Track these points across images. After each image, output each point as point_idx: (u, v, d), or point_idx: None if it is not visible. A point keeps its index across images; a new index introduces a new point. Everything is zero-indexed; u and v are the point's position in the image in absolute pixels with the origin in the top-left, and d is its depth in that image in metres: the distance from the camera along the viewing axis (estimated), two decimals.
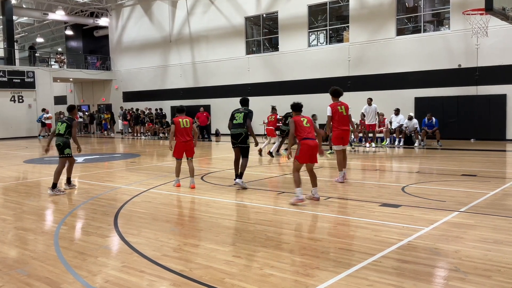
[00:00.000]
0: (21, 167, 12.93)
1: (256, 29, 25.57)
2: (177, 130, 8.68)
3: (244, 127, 8.48)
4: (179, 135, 8.69)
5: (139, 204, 7.25)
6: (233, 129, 8.56)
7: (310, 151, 6.98)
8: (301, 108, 7.47)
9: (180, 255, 4.65)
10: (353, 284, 3.77)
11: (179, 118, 8.80)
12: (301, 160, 7.02)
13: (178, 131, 8.68)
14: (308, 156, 7.00)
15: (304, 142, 6.96)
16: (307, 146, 6.95)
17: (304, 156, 6.98)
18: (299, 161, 7.03)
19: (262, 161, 13.28)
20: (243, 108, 8.76)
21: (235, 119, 8.59)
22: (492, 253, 4.46)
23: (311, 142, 6.97)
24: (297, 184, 6.95)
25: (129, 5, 31.10)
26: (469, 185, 8.32)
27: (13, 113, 26.96)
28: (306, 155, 6.98)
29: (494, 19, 13.79)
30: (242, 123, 8.48)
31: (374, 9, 20.46)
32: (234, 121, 8.59)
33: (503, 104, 17.43)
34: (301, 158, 7.01)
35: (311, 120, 7.30)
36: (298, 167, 7.06)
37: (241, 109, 8.71)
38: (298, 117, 7.20)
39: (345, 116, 8.91)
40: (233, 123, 8.59)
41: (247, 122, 8.49)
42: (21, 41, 43.10)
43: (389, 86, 19.94)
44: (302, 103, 7.53)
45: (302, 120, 7.12)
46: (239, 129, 8.49)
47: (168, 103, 28.54)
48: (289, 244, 4.93)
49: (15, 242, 5.35)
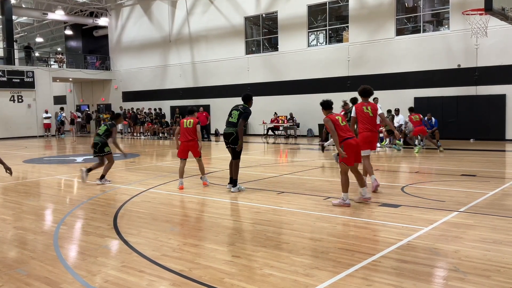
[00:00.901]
0: (20, 167, 12.92)
1: (255, 29, 25.57)
2: (180, 130, 8.74)
3: (236, 126, 7.95)
4: (182, 135, 8.73)
5: (139, 204, 7.24)
6: (226, 127, 8.09)
7: (355, 148, 6.67)
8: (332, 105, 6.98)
9: (180, 255, 4.64)
10: (353, 284, 3.77)
11: (185, 119, 8.89)
12: (349, 162, 6.67)
13: (181, 131, 8.74)
14: (355, 154, 6.69)
15: (346, 142, 6.63)
16: (351, 146, 6.64)
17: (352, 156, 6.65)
18: (346, 164, 6.68)
19: (262, 161, 13.27)
20: (241, 106, 8.15)
21: (231, 116, 8.07)
22: (492, 253, 4.47)
23: (354, 141, 6.68)
24: (346, 188, 6.67)
25: (129, 5, 31.09)
26: (469, 185, 8.33)
27: (13, 113, 26.95)
28: (352, 156, 6.66)
29: (493, 19, 13.80)
30: (235, 122, 7.95)
31: (373, 9, 20.47)
32: (229, 119, 8.08)
33: (502, 104, 17.44)
34: (349, 160, 6.65)
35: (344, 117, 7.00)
36: (346, 169, 6.73)
37: (239, 106, 8.13)
38: (333, 116, 6.81)
39: (372, 118, 7.74)
40: (227, 121, 8.10)
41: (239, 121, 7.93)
42: (21, 40, 43.06)
43: (388, 86, 19.94)
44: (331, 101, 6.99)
45: (338, 119, 6.76)
46: (231, 128, 7.98)
47: (167, 103, 28.54)
48: (289, 244, 4.93)
49: (15, 242, 5.35)
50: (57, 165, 13.55)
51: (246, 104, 8.21)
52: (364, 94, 7.84)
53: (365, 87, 7.86)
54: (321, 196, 7.49)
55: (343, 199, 6.72)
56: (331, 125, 6.65)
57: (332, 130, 6.65)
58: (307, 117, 22.64)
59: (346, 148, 6.61)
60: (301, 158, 14.63)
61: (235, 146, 8.03)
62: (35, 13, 31.73)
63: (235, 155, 8.13)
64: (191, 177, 10.03)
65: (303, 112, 22.70)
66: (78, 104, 36.07)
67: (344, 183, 6.69)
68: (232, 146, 8.07)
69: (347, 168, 6.73)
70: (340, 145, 6.63)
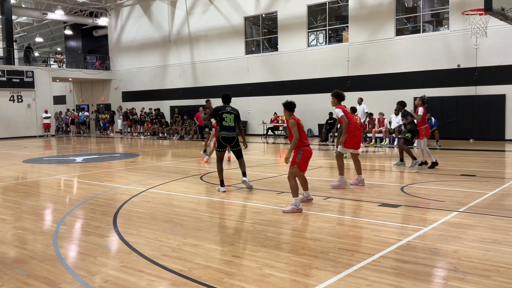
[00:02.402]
0: (20, 167, 12.92)
1: (255, 29, 25.58)
2: None
3: (236, 129, 8.31)
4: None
5: (138, 204, 7.24)
6: (226, 132, 8.22)
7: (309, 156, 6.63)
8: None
9: (179, 255, 4.64)
10: (352, 284, 3.77)
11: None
12: (302, 169, 6.62)
13: None
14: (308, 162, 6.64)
15: (305, 149, 6.57)
16: (309, 153, 6.60)
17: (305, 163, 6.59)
18: (300, 169, 6.58)
19: (261, 161, 13.27)
20: (230, 108, 8.42)
21: (225, 120, 8.22)
22: (491, 253, 4.47)
23: (310, 149, 6.66)
24: (295, 193, 6.45)
25: (128, 4, 31.09)
26: (468, 185, 8.33)
27: (12, 112, 26.95)
28: (307, 163, 6.62)
29: (493, 19, 13.81)
30: (233, 126, 8.27)
31: (373, 9, 20.47)
32: (224, 123, 8.22)
33: (502, 104, 17.44)
34: (303, 166, 6.59)
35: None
36: (296, 174, 6.60)
37: (228, 108, 8.36)
38: (298, 119, 6.71)
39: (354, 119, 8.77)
40: (225, 126, 8.23)
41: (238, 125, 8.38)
42: (20, 40, 43.07)
43: (388, 86, 19.96)
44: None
45: (301, 123, 6.67)
46: (232, 132, 8.25)
47: (167, 103, 28.55)
48: (288, 244, 4.93)
49: (14, 241, 5.35)
50: (56, 165, 13.55)
51: (229, 104, 8.54)
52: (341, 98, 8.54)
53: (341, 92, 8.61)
54: (321, 196, 7.49)
55: (295, 205, 6.38)
56: (296, 128, 6.52)
57: (296, 132, 6.51)
58: (306, 117, 22.53)
59: (305, 154, 6.54)
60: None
61: (238, 148, 8.42)
62: (34, 13, 31.74)
63: (239, 155, 8.50)
64: (191, 177, 10.03)
65: (303, 112, 22.54)
66: (78, 104, 36.07)
67: (294, 188, 6.46)
68: (236, 148, 8.42)
69: (297, 173, 6.61)
70: (299, 149, 6.54)
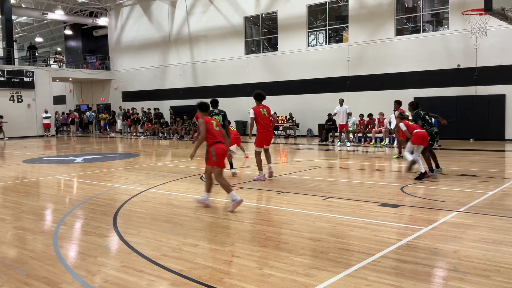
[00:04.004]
0: (20, 167, 12.92)
1: (255, 29, 25.58)
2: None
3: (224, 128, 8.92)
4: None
5: (138, 204, 7.24)
6: None
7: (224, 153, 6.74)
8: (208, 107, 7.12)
9: (179, 255, 4.64)
10: (352, 284, 3.77)
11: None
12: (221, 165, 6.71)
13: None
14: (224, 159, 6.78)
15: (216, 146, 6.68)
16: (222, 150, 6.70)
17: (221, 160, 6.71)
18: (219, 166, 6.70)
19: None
20: (217, 110, 9.47)
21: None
22: (491, 253, 4.47)
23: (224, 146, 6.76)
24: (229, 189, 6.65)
25: (128, 4, 31.09)
26: (468, 185, 8.33)
27: (12, 112, 26.94)
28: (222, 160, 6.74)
29: (493, 19, 13.81)
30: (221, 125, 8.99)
31: (373, 9, 20.48)
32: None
33: (502, 104, 17.45)
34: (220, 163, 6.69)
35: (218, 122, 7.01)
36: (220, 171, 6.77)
37: (216, 111, 9.36)
38: (209, 119, 6.84)
39: (267, 118, 9.29)
40: None
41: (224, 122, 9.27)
42: (20, 40, 43.06)
43: (388, 86, 19.96)
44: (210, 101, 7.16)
45: (212, 123, 6.78)
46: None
47: (167, 103, 28.55)
48: (288, 244, 4.93)
49: (14, 241, 5.35)
50: (56, 165, 13.55)
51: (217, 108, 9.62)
52: (258, 98, 9.24)
53: (259, 92, 9.27)
54: (321, 196, 7.49)
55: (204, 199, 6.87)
56: (203, 127, 6.68)
57: (202, 132, 6.69)
58: (306, 117, 22.65)
59: (218, 151, 6.63)
60: (301, 158, 14.63)
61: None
62: (34, 13, 31.74)
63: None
64: (191, 177, 10.04)
65: (303, 112, 22.70)
66: (78, 104, 36.06)
67: (225, 185, 6.66)
68: None
69: (210, 171, 6.77)
70: (211, 147, 6.67)
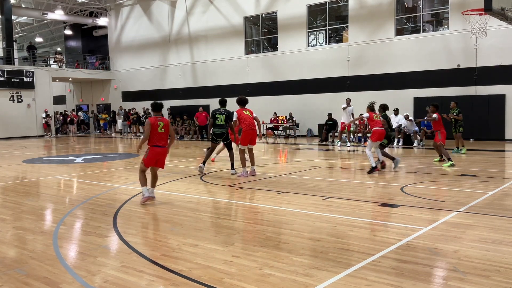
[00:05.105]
0: (20, 167, 12.91)
1: (255, 29, 25.58)
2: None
3: (226, 127, 10.11)
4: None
5: (138, 204, 7.23)
6: (217, 129, 10.16)
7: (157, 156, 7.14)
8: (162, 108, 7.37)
9: (179, 255, 4.64)
10: (352, 284, 3.77)
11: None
12: (147, 164, 7.23)
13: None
14: (155, 160, 7.19)
15: (153, 149, 7.08)
16: (155, 152, 7.11)
17: (151, 161, 7.18)
18: (145, 164, 7.22)
19: (261, 161, 13.26)
20: (223, 109, 10.23)
21: (217, 119, 10.11)
22: (491, 253, 4.47)
23: (160, 150, 7.12)
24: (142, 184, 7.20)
25: (128, 4, 31.09)
26: (468, 185, 8.33)
27: (12, 112, 26.94)
28: (153, 160, 7.18)
29: (493, 19, 13.80)
30: (224, 124, 10.09)
31: (373, 9, 20.48)
32: (216, 122, 10.13)
33: (502, 104, 17.45)
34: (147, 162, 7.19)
35: (167, 125, 7.24)
36: (143, 168, 7.25)
37: (221, 110, 10.21)
38: (155, 119, 7.12)
39: (250, 118, 9.98)
40: (216, 124, 10.13)
41: (228, 123, 10.10)
42: (20, 40, 43.04)
43: (388, 86, 19.96)
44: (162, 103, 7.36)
45: (159, 124, 7.06)
46: (221, 129, 10.13)
47: (167, 103, 28.50)
48: (288, 244, 4.93)
49: (14, 241, 5.35)
50: (56, 165, 13.55)
51: (224, 107, 10.36)
52: (241, 102, 10.08)
53: (241, 98, 10.14)
54: (321, 196, 7.49)
55: (143, 194, 7.18)
56: (148, 128, 7.00)
57: (147, 132, 7.02)
58: (306, 117, 22.64)
59: (151, 153, 7.07)
60: (301, 158, 14.63)
61: (228, 141, 10.30)
62: (34, 13, 31.73)
63: (229, 147, 10.33)
64: (191, 177, 10.04)
65: (303, 112, 22.70)
66: (78, 104, 36.06)
67: (141, 179, 7.23)
68: (226, 142, 10.33)
69: (144, 168, 7.24)
70: (150, 147, 7.10)
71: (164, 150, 7.18)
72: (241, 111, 10.02)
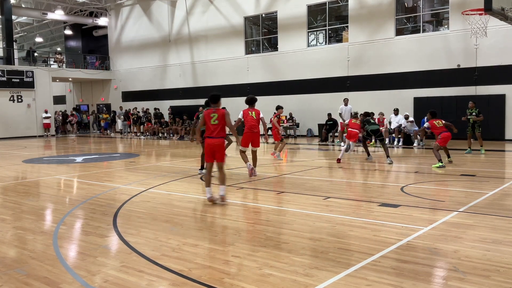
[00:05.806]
0: (20, 167, 12.91)
1: (255, 29, 25.57)
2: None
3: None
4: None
5: (138, 204, 7.24)
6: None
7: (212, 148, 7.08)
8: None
9: (179, 255, 4.64)
10: (352, 284, 3.77)
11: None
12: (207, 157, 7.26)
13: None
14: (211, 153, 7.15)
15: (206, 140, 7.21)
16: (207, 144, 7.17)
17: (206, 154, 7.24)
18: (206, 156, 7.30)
19: (261, 161, 13.26)
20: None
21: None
22: (491, 253, 4.47)
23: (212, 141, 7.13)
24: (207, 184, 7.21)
25: (128, 4, 31.09)
26: (468, 185, 8.33)
27: (12, 112, 26.93)
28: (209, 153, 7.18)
29: (493, 19, 13.80)
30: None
31: (373, 9, 20.47)
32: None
33: (502, 104, 17.45)
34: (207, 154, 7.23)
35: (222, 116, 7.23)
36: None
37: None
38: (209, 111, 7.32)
39: (254, 120, 9.86)
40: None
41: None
42: (20, 40, 43.05)
43: (388, 86, 19.96)
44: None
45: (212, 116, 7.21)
46: None
47: (167, 103, 28.54)
48: (288, 244, 4.93)
49: (14, 241, 5.35)
50: (56, 165, 13.55)
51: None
52: (249, 102, 9.95)
53: (251, 97, 10.05)
54: (321, 196, 7.49)
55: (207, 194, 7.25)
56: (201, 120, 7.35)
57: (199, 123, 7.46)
58: (306, 117, 22.64)
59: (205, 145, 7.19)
60: (301, 158, 14.63)
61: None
62: (34, 13, 31.72)
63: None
64: (191, 177, 10.03)
65: (303, 112, 22.70)
66: (78, 104, 36.06)
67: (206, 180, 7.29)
68: None
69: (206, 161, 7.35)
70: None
71: (218, 141, 7.08)
72: (247, 111, 9.93)
